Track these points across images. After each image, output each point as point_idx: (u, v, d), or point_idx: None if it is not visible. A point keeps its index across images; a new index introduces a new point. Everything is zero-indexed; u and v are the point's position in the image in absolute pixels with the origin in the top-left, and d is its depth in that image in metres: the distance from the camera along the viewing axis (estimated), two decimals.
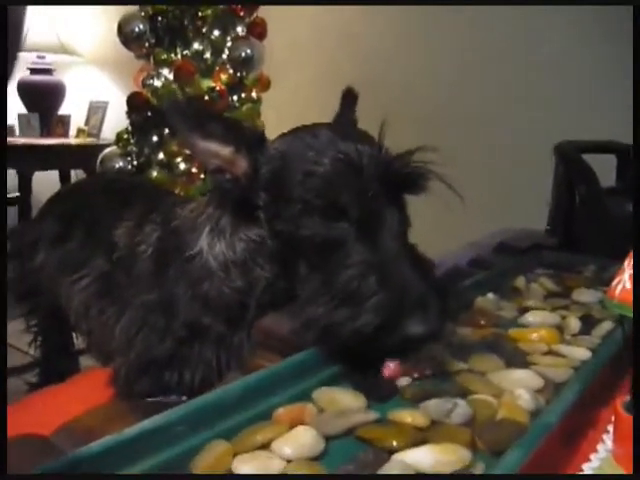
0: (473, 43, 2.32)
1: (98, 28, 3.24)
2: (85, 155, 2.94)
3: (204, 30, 2.35)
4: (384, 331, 0.58)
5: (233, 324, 0.75)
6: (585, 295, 0.90)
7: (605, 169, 1.32)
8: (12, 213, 2.95)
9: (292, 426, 0.52)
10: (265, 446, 0.50)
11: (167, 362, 0.75)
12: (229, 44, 2.39)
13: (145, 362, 0.76)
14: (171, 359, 0.75)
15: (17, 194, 3.00)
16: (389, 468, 0.45)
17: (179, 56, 2.33)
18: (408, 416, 0.54)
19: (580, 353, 0.69)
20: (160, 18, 2.31)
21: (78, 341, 1.22)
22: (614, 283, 0.66)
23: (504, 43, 2.23)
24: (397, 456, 0.47)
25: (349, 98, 0.84)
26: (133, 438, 0.47)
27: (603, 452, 0.55)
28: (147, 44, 2.31)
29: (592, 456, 0.54)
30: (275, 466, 0.47)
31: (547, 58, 2.15)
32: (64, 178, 3.28)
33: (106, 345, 0.87)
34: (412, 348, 0.60)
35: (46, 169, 3.09)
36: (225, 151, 0.68)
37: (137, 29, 2.25)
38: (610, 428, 0.57)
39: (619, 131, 1.21)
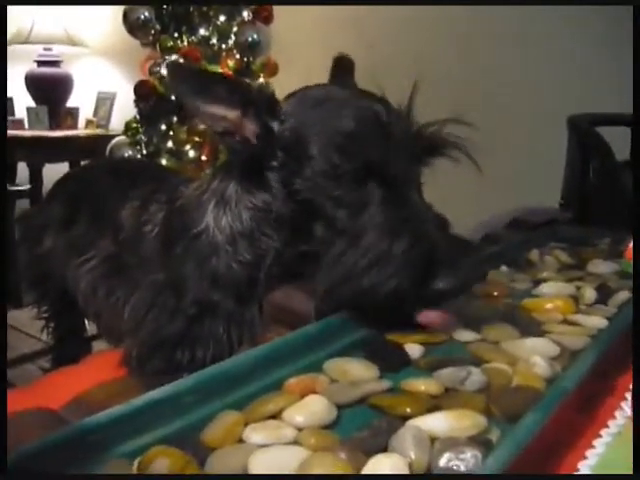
0: (481, 21, 2.29)
1: (103, 17, 3.23)
2: (94, 146, 2.94)
3: (210, 15, 2.33)
4: (415, 288, 0.58)
5: (243, 300, 0.74)
6: (600, 266, 0.88)
7: (619, 142, 1.29)
8: (23, 206, 2.96)
9: (304, 396, 0.51)
10: (276, 415, 0.49)
11: (178, 341, 0.74)
12: (235, 29, 2.38)
13: (156, 342, 0.75)
14: (182, 337, 0.74)
15: (29, 186, 3.01)
16: (403, 434, 0.44)
17: (185, 43, 2.32)
18: (422, 384, 0.53)
19: (596, 321, 0.68)
20: (165, 5, 2.30)
21: (90, 327, 1.22)
22: (631, 244, 0.65)
23: (513, 16, 2.19)
24: (411, 422, 0.46)
25: (343, 66, 0.82)
26: (141, 408, 0.46)
27: (622, 419, 0.53)
28: (153, 31, 2.30)
29: (610, 422, 0.53)
30: (287, 435, 0.46)
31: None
32: None
33: (116, 326, 0.87)
34: (439, 301, 0.60)
35: (56, 161, 3.09)
36: (232, 114, 0.67)
37: (142, 16, 2.24)
38: (628, 395, 0.56)
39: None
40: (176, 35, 2.33)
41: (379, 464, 0.41)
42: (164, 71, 2.29)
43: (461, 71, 2.35)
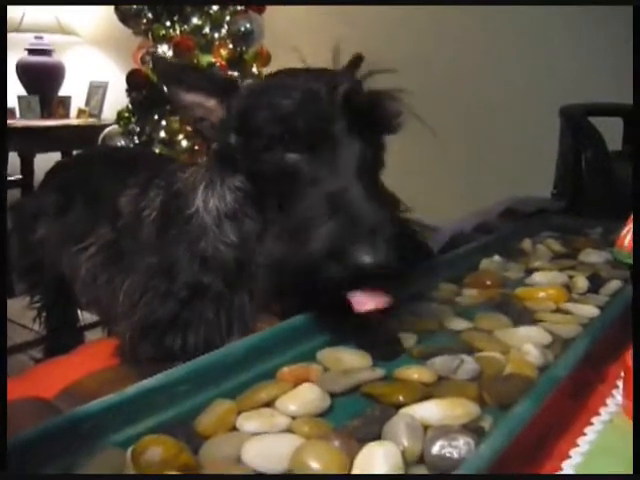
0: (474, 14, 2.29)
1: (95, 6, 3.21)
2: (87, 136, 2.93)
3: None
4: (332, 260, 0.57)
5: (232, 284, 0.74)
6: (592, 256, 0.89)
7: (612, 132, 1.30)
8: (15, 195, 2.94)
9: (297, 385, 0.51)
10: (269, 404, 0.49)
11: (169, 324, 0.74)
12: (228, 19, 2.36)
13: (148, 324, 0.75)
14: (173, 321, 0.74)
15: (19, 176, 3.00)
16: (396, 422, 0.44)
17: (178, 32, 2.30)
18: (414, 373, 0.53)
19: (588, 310, 0.68)
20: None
21: (83, 316, 1.21)
22: (623, 233, 0.65)
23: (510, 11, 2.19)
24: (404, 410, 0.47)
25: (354, 61, 0.82)
26: (134, 397, 0.46)
27: (613, 406, 0.54)
28: (145, 20, 2.28)
29: (602, 410, 0.53)
30: (280, 423, 0.46)
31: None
32: None
33: (114, 312, 0.86)
34: (364, 280, 0.57)
35: (48, 151, 3.07)
36: (210, 102, 0.71)
37: (135, 5, 2.22)
38: (620, 383, 0.56)
39: (625, 94, 1.19)
40: (169, 24, 2.30)
41: (372, 452, 0.41)
42: None
43: (456, 64, 2.35)
